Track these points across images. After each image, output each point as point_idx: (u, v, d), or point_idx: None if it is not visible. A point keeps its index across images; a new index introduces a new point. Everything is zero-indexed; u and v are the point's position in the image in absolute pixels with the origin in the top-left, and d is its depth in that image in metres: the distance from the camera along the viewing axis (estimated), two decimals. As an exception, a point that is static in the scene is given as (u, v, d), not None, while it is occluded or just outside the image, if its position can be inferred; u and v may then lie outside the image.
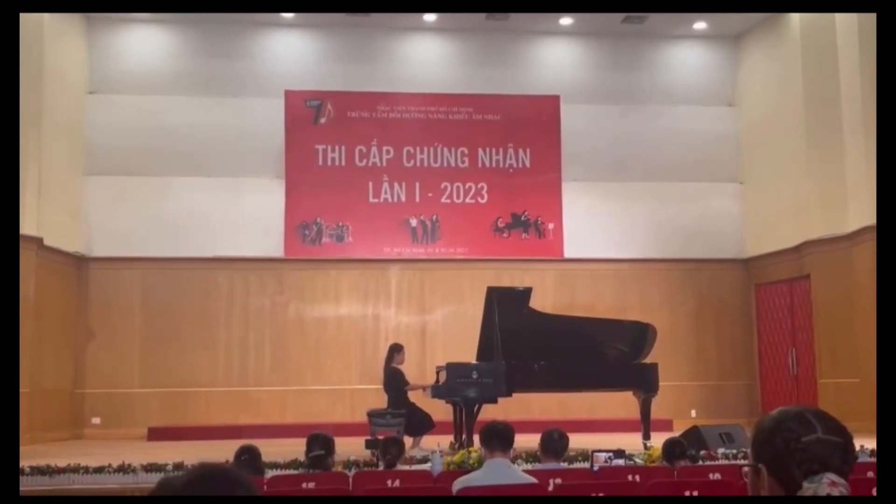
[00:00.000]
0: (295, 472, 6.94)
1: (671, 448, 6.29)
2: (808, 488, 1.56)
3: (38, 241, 11.47)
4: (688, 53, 14.55)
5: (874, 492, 4.11)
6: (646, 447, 8.23)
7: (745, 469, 1.67)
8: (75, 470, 7.35)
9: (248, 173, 13.48)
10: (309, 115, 13.71)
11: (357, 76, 13.82)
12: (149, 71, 13.57)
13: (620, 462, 6.52)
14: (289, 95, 13.62)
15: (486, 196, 13.87)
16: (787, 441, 1.61)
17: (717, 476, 5.44)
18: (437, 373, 9.79)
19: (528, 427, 7.80)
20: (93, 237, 13.13)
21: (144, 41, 13.62)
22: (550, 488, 4.85)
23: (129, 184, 13.24)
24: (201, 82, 13.61)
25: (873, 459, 7.05)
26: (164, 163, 13.33)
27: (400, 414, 9.49)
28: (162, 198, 13.25)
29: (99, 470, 7.38)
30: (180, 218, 13.22)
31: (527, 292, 9.49)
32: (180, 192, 13.32)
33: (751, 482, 1.66)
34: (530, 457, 7.39)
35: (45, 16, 11.82)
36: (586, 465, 6.82)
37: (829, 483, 1.56)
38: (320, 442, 5.90)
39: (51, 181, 12.03)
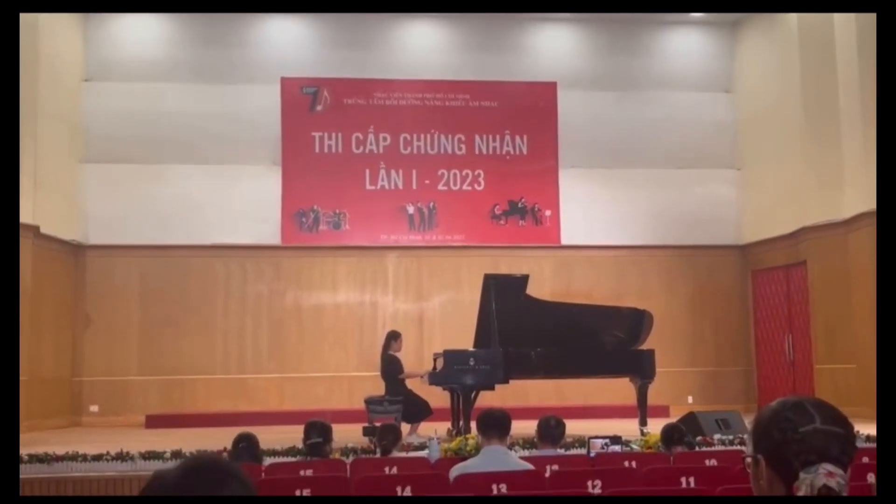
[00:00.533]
0: (293, 459, 6.96)
1: (670, 433, 6.32)
2: (805, 479, 1.56)
3: (35, 230, 11.45)
4: (685, 40, 14.51)
5: (870, 477, 4.12)
6: (642, 433, 8.25)
7: (748, 460, 1.67)
8: (73, 457, 7.37)
9: (245, 161, 13.44)
10: (305, 103, 13.67)
11: (353, 63, 13.77)
12: (144, 58, 13.51)
13: (617, 448, 6.55)
14: (285, 82, 13.58)
15: (483, 183, 13.85)
16: (784, 431, 1.60)
17: (714, 462, 5.45)
18: (435, 360, 9.80)
19: (524, 414, 7.83)
20: (89, 225, 13.10)
21: (139, 28, 13.54)
22: (547, 475, 4.86)
23: (125, 171, 13.20)
24: (197, 69, 13.56)
25: (869, 445, 7.08)
26: (161, 150, 13.29)
27: (397, 401, 9.51)
28: (158, 185, 13.21)
29: (97, 457, 7.40)
30: (177, 205, 13.19)
31: (524, 279, 9.49)
32: (177, 179, 13.28)
33: (752, 473, 1.66)
34: (527, 443, 7.42)
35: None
36: (583, 451, 6.84)
37: (825, 473, 1.55)
38: (318, 429, 5.92)
39: (47, 169, 11.99)
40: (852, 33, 11.84)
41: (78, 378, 12.75)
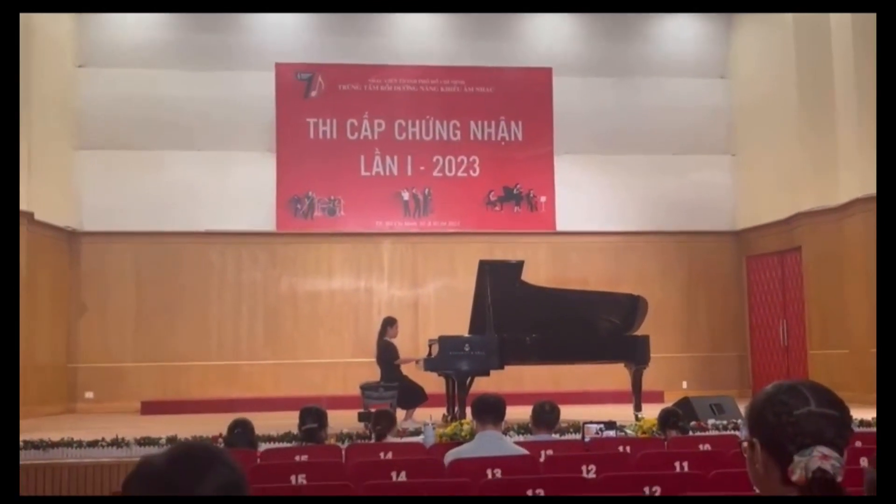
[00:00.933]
0: (288, 445, 6.96)
1: (667, 417, 6.35)
2: (799, 462, 1.55)
3: (29, 216, 11.41)
4: (680, 25, 14.45)
5: (862, 461, 4.13)
6: (637, 419, 8.27)
7: (744, 444, 1.66)
8: (69, 444, 7.37)
9: (240, 147, 13.40)
10: (300, 88, 13.62)
11: (348, 49, 13.71)
12: (139, 44, 13.41)
13: (611, 433, 6.57)
14: (279, 68, 13.52)
15: (478, 169, 13.83)
16: (779, 414, 1.59)
17: (708, 447, 5.47)
18: (430, 346, 9.82)
19: (519, 399, 7.84)
20: (84, 211, 13.05)
21: (134, 15, 13.43)
22: (542, 460, 4.87)
23: (119, 158, 13.15)
24: (192, 55, 13.48)
25: (863, 430, 7.11)
26: (155, 136, 13.24)
27: (392, 387, 9.52)
28: (153, 172, 13.17)
29: (93, 444, 7.40)
30: (171, 192, 13.15)
31: (519, 265, 9.50)
32: (171, 165, 13.24)
33: (748, 457, 1.65)
34: (522, 429, 7.43)
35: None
36: (578, 436, 6.85)
37: (820, 456, 1.55)
38: (313, 415, 5.93)
39: (41, 155, 11.93)
40: (848, 19, 11.81)
41: (73, 365, 12.74)
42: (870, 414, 8.03)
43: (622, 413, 8.60)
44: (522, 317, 9.27)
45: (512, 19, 14.03)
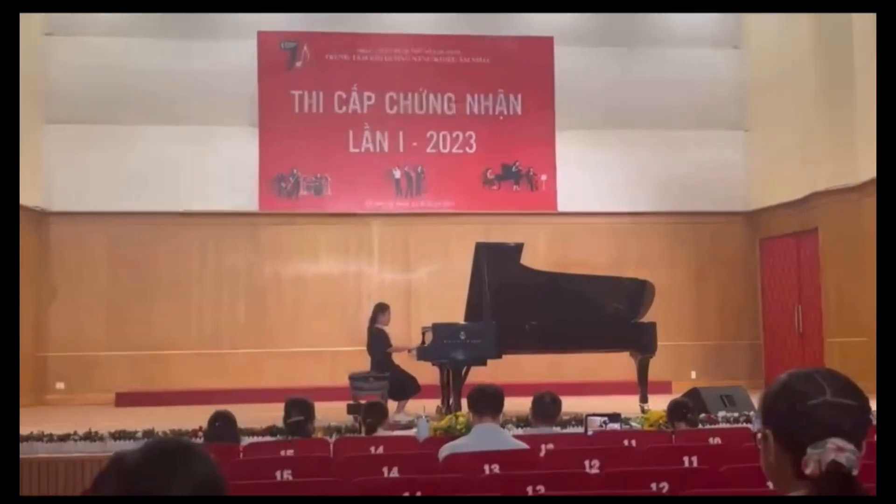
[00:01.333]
0: (272, 438, 6.98)
1: (675, 409, 6.39)
2: (813, 454, 1.55)
3: (-6, 195, 11.38)
4: (691, -9, 14.42)
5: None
6: (643, 410, 8.31)
7: (758, 436, 1.67)
8: (39, 438, 7.39)
9: (220, 121, 13.36)
10: (284, 59, 13.57)
11: (335, 16, 13.63)
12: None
13: (616, 426, 6.61)
14: (262, 37, 13.47)
15: (474, 145, 13.81)
16: (792, 404, 1.60)
17: (717, 440, 5.50)
18: (423, 334, 9.84)
19: (518, 390, 7.86)
20: (53, 190, 13.03)
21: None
22: (542, 454, 4.89)
23: (91, 133, 13.11)
24: (169, 23, 13.38)
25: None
26: (130, 110, 13.19)
27: (383, 377, 9.55)
28: (127, 148, 13.13)
29: (64, 438, 7.44)
30: (147, 169, 13.12)
31: (518, 248, 9.51)
32: (147, 141, 13.20)
33: (761, 449, 1.66)
34: (521, 421, 7.47)
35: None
36: (580, 429, 6.89)
37: (834, 448, 1.55)
38: (299, 407, 5.95)
39: (6, 130, 11.89)
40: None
41: (42, 353, 12.75)
42: (889, 405, 8.07)
43: (627, 405, 8.65)
44: (521, 303, 9.29)
45: (511, -15, 13.98)
